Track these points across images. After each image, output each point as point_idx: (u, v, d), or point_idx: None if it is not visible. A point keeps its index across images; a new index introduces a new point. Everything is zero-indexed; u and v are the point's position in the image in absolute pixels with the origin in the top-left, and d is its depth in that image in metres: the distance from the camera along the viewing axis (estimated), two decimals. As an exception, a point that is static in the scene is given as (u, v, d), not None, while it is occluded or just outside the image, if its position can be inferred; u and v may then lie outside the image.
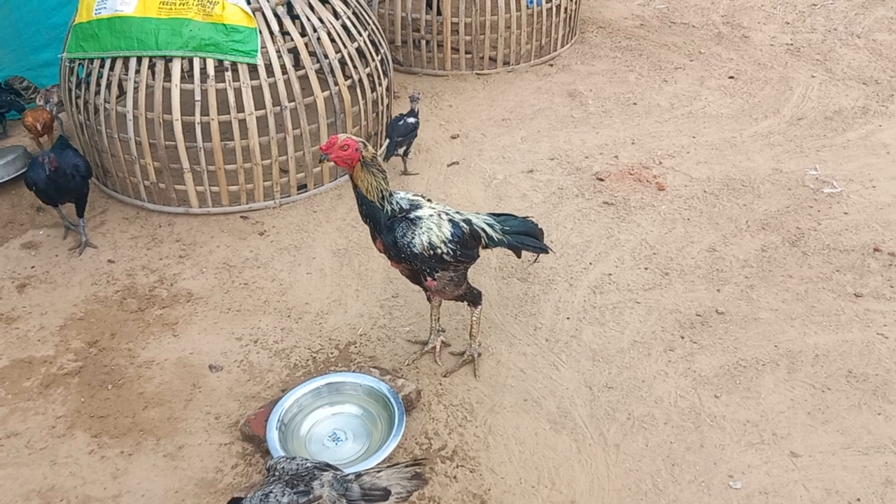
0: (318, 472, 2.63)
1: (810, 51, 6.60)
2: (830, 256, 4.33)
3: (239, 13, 4.37)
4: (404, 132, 4.99)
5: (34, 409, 3.54)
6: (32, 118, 4.97)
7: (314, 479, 2.62)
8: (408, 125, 4.99)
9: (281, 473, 2.67)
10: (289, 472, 2.67)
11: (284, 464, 2.72)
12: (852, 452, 3.28)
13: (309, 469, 2.67)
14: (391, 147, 4.97)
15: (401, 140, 4.99)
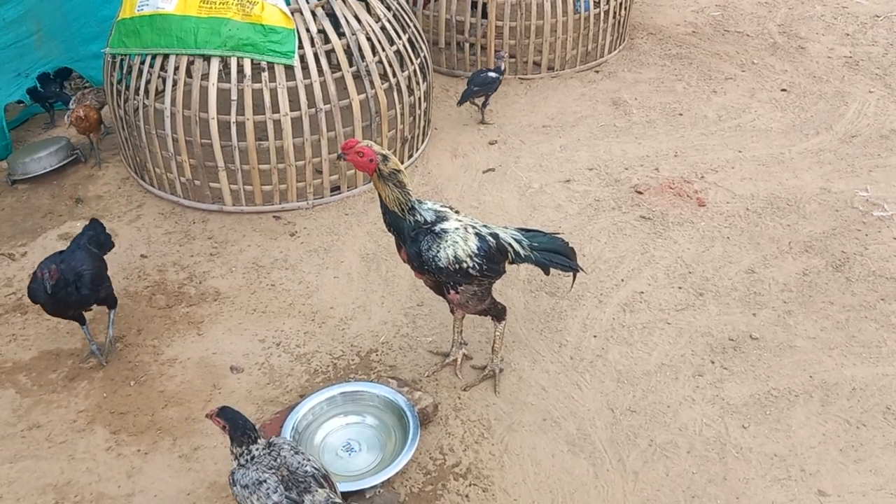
0: (314, 484, 2.59)
1: (870, 64, 6.34)
2: (876, 284, 4.15)
3: (277, 14, 4.37)
4: (481, 83, 5.40)
5: (57, 401, 3.59)
6: (83, 112, 5.03)
7: (308, 491, 2.58)
8: (487, 77, 5.40)
9: (280, 464, 2.64)
10: (288, 467, 2.63)
11: (287, 454, 2.68)
12: (884, 495, 3.13)
13: (307, 476, 2.63)
14: (466, 95, 5.40)
15: (477, 90, 5.39)
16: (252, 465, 2.65)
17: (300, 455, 2.70)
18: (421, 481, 3.21)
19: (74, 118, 5.02)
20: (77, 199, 4.88)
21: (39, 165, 5.02)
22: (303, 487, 2.57)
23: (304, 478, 2.61)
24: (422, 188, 4.93)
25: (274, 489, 2.58)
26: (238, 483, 2.66)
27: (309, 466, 2.66)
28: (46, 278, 3.44)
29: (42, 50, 5.53)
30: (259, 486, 2.59)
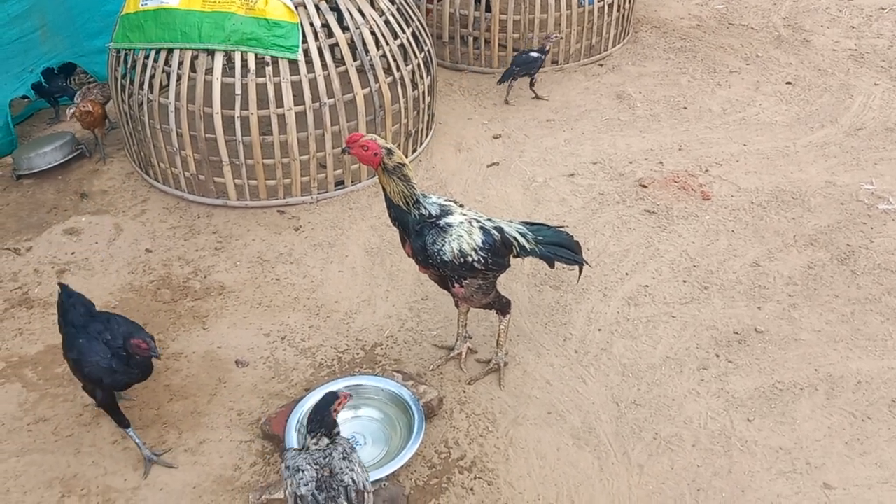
0: (343, 496, 2.58)
1: (875, 57, 6.32)
2: (881, 277, 4.14)
3: (281, 8, 4.36)
4: (523, 63, 5.59)
5: (63, 395, 3.60)
6: (82, 108, 5.04)
7: (335, 500, 2.58)
8: (529, 58, 5.59)
9: (325, 463, 2.64)
10: (331, 468, 2.63)
11: (337, 456, 2.65)
12: (890, 488, 3.12)
13: (342, 486, 2.60)
14: (507, 74, 5.62)
15: (518, 70, 5.59)
16: (304, 454, 2.68)
17: (349, 462, 2.67)
18: (426, 475, 3.21)
19: (79, 113, 5.02)
20: (82, 193, 4.89)
21: (44, 160, 5.03)
22: (332, 494, 2.58)
23: (339, 486, 2.60)
24: (426, 182, 4.93)
25: (306, 482, 2.59)
26: (285, 462, 2.70)
27: (349, 477, 2.63)
28: (154, 346, 3.07)
29: (46, 45, 5.53)
30: (296, 473, 2.62)
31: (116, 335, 3.14)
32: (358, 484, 2.65)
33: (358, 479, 2.66)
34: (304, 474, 2.61)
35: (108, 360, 3.10)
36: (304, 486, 2.59)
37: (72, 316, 3.26)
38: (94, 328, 3.18)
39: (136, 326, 3.24)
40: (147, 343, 3.06)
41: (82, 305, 3.31)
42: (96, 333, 3.15)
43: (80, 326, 3.21)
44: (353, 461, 2.69)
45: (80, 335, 3.17)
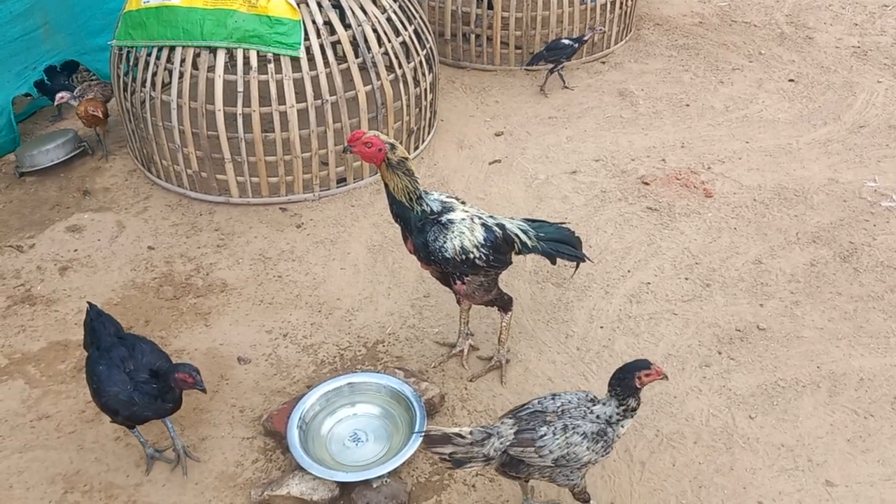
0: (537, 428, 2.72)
1: (878, 54, 6.30)
2: (884, 274, 4.13)
3: (283, 5, 4.36)
4: (554, 48, 5.64)
5: (66, 392, 3.61)
6: (83, 107, 5.04)
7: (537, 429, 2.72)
8: (560, 44, 5.64)
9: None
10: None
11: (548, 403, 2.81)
12: (892, 485, 3.12)
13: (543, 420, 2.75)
14: (535, 58, 5.72)
15: (548, 55, 5.64)
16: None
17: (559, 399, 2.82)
18: (428, 471, 3.22)
19: (85, 115, 5.03)
20: (84, 191, 4.90)
21: (47, 158, 5.04)
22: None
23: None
24: (428, 179, 4.93)
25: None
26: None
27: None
28: (199, 380, 2.96)
29: (49, 43, 5.54)
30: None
31: (140, 366, 3.01)
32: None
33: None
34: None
35: (128, 392, 2.97)
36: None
37: (99, 335, 3.15)
38: (118, 354, 3.06)
39: (164, 356, 3.14)
40: (193, 377, 2.94)
41: (112, 325, 3.21)
42: (119, 360, 3.03)
43: (104, 349, 3.09)
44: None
45: (102, 360, 3.05)
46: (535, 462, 2.73)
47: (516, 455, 2.73)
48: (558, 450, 2.71)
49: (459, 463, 2.74)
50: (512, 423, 2.77)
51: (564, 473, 2.79)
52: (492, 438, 2.72)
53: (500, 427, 2.76)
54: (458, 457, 2.72)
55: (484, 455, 2.72)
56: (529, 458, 2.72)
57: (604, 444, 2.77)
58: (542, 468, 2.76)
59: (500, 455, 2.73)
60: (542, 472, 2.78)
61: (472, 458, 2.73)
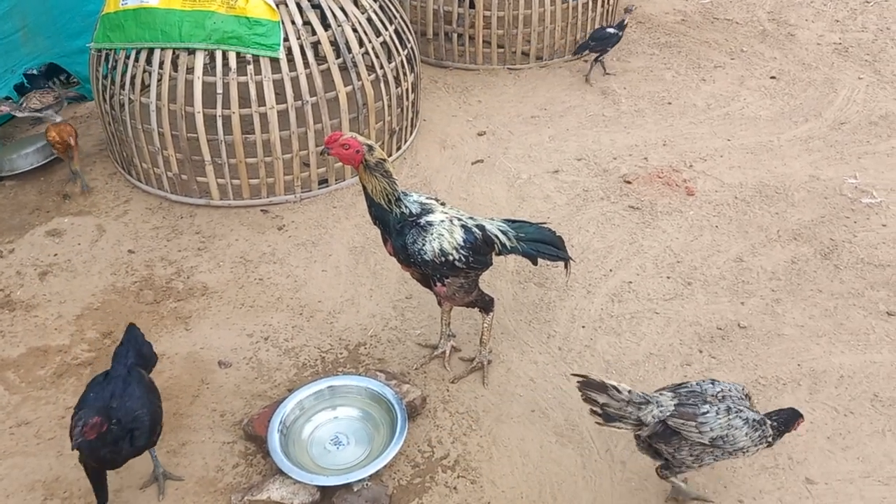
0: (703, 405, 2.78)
1: (859, 51, 6.33)
2: (864, 271, 4.15)
3: (262, 6, 4.34)
4: (599, 38, 5.75)
5: (46, 398, 3.58)
6: (56, 133, 4.76)
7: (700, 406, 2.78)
8: (605, 33, 5.76)
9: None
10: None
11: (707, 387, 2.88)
12: (872, 482, 3.14)
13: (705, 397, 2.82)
14: (582, 47, 5.83)
15: (594, 44, 5.75)
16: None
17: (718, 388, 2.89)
18: (409, 474, 3.21)
19: (56, 138, 4.75)
20: (64, 195, 4.86)
21: (27, 162, 5.00)
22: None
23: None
24: (410, 180, 4.92)
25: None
26: None
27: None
28: (80, 432, 2.63)
29: (28, 46, 5.49)
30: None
31: (116, 411, 2.78)
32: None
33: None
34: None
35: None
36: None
37: (115, 361, 3.01)
38: (105, 393, 2.85)
39: (110, 395, 2.85)
40: (81, 425, 2.63)
41: (133, 355, 3.04)
42: (102, 400, 2.81)
43: (96, 384, 2.92)
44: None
45: (90, 392, 2.89)
46: (691, 437, 2.76)
47: (675, 426, 2.76)
48: (719, 429, 2.76)
49: (609, 418, 2.77)
50: (672, 396, 2.81)
51: (715, 455, 2.82)
52: (650, 405, 2.76)
53: (660, 397, 2.80)
54: (610, 411, 2.76)
55: (638, 418, 2.76)
56: (688, 431, 2.76)
57: (760, 435, 2.81)
58: (694, 445, 2.78)
59: (655, 423, 2.75)
60: (692, 449, 2.80)
61: (624, 418, 2.77)
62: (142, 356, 3.16)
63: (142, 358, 3.15)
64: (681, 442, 2.79)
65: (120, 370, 2.99)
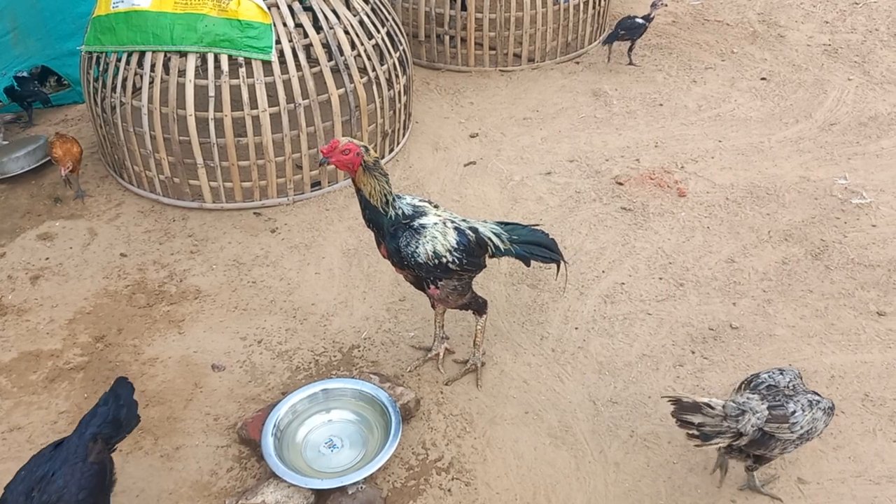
0: (791, 399, 2.86)
1: (849, 52, 6.37)
2: (854, 271, 4.18)
3: (254, 9, 4.34)
4: (628, 27, 5.89)
5: (38, 403, 3.57)
6: (62, 152, 4.61)
7: (786, 405, 2.84)
8: (634, 23, 5.90)
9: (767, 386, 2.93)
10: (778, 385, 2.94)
11: (777, 377, 2.97)
12: (863, 481, 3.15)
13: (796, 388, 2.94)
14: (611, 37, 5.96)
15: (623, 33, 5.91)
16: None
17: (787, 376, 2.99)
18: (403, 476, 3.22)
19: (61, 154, 4.60)
20: (56, 198, 4.84)
21: (17, 165, 4.98)
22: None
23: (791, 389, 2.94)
24: (403, 182, 4.92)
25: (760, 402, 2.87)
26: None
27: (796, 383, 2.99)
28: None
29: (18, 48, 5.47)
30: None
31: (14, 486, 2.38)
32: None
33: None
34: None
35: None
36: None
37: (78, 427, 2.64)
38: (37, 473, 2.48)
39: (41, 477, 2.46)
40: None
41: (109, 421, 2.66)
42: (27, 485, 2.42)
43: (39, 457, 2.56)
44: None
45: (24, 469, 2.51)
46: (784, 437, 2.82)
47: (770, 431, 2.79)
48: (807, 425, 2.84)
49: (707, 437, 2.76)
50: (759, 399, 2.85)
51: (797, 444, 2.90)
52: (746, 414, 2.77)
53: (751, 403, 2.82)
54: (706, 430, 2.75)
55: (737, 431, 2.76)
56: (781, 433, 2.81)
57: (829, 416, 2.93)
58: (786, 442, 2.84)
59: (754, 431, 2.78)
60: (784, 446, 2.86)
61: (722, 433, 2.77)
62: (116, 422, 2.75)
63: (115, 424, 2.74)
64: (776, 443, 2.84)
65: (72, 446, 2.56)
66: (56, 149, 4.65)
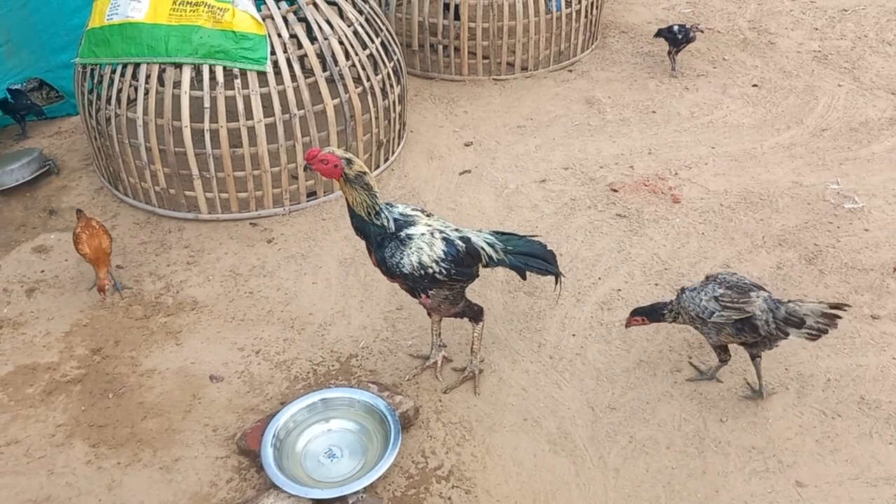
0: (755, 288, 3.34)
1: (838, 58, 6.43)
2: (848, 276, 4.21)
3: (249, 20, 4.36)
4: (666, 34, 6.11)
5: (35, 416, 3.56)
6: (91, 250, 3.94)
7: (752, 290, 3.31)
8: (672, 31, 6.07)
9: (718, 280, 3.39)
10: (729, 281, 3.37)
11: (726, 276, 3.41)
12: (860, 484, 3.17)
13: (748, 284, 3.36)
14: (664, 36, 6.12)
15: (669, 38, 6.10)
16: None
17: (737, 276, 3.44)
18: (403, 485, 3.22)
19: (92, 249, 3.96)
20: (51, 210, 4.84)
21: (12, 178, 4.97)
22: (747, 289, 3.33)
23: (746, 285, 3.35)
24: (399, 191, 4.94)
25: (717, 287, 3.36)
26: None
27: (747, 281, 3.39)
28: None
29: (12, 61, 5.47)
30: (703, 287, 3.41)
31: None
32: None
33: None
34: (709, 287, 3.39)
35: None
36: (719, 289, 3.34)
37: None
38: None
39: None
40: None
41: None
42: None
43: None
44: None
45: None
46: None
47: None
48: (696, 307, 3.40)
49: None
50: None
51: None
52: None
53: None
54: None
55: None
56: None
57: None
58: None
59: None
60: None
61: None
62: None
63: None
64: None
65: None
66: (83, 245, 3.96)
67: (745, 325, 3.28)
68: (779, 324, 3.26)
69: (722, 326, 3.32)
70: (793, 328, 3.26)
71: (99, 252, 3.94)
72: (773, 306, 3.27)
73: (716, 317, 3.30)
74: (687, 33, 6.02)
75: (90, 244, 3.95)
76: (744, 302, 3.27)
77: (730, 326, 3.30)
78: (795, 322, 3.25)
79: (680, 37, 6.02)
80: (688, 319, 3.42)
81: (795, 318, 3.24)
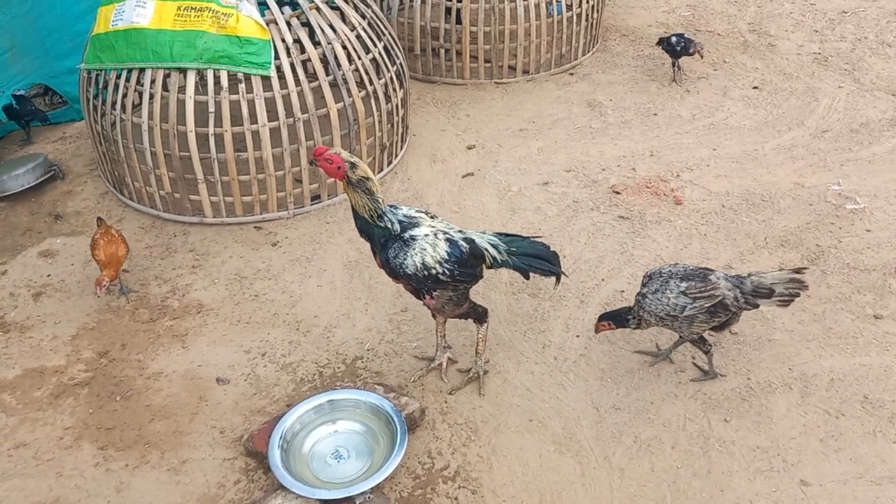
0: (708, 270, 3.42)
1: (838, 60, 6.46)
2: (850, 276, 4.23)
3: (253, 25, 4.38)
4: (665, 46, 6.08)
5: (43, 419, 3.58)
6: (106, 256, 3.99)
7: (709, 274, 3.39)
8: (670, 42, 6.04)
9: (669, 275, 3.42)
10: (682, 273, 3.42)
11: (671, 269, 3.46)
12: (865, 482, 3.19)
13: (700, 270, 3.44)
14: (666, 44, 6.09)
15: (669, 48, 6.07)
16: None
17: (680, 265, 3.54)
18: (410, 486, 3.24)
19: (107, 257, 4.00)
20: (56, 215, 4.86)
21: (17, 183, 5.00)
22: (703, 274, 3.41)
23: (699, 270, 3.45)
24: (402, 195, 4.96)
25: (679, 281, 3.42)
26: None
27: (693, 266, 3.50)
28: None
29: (16, 67, 5.50)
30: (665, 287, 3.42)
31: None
32: None
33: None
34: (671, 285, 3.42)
35: None
36: (682, 283, 3.40)
37: None
38: None
39: None
40: None
41: None
42: None
43: None
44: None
45: None
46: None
47: None
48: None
49: None
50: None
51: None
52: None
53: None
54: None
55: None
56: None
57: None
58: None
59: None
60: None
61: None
62: None
63: None
64: None
65: None
66: (99, 251, 4.01)
67: (718, 307, 3.36)
68: (747, 297, 3.37)
69: (694, 317, 3.37)
70: (762, 299, 3.38)
71: (113, 258, 4.02)
72: (736, 282, 3.38)
73: (689, 310, 3.35)
74: (686, 46, 5.98)
75: (106, 251, 4.02)
76: (711, 288, 3.34)
77: (703, 314, 3.36)
78: (764, 293, 3.36)
79: (678, 49, 6.00)
80: (656, 321, 3.44)
81: (763, 288, 3.36)
